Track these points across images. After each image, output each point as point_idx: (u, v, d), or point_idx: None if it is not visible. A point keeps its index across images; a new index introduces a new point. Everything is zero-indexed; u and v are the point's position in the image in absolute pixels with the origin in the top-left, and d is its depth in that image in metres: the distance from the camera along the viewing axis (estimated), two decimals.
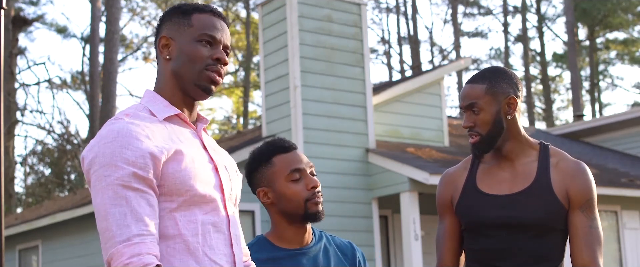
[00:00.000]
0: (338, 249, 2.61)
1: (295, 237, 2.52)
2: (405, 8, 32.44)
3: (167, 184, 1.95)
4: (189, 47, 2.10)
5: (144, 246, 1.86)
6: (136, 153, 1.91)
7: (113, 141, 1.92)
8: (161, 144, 1.96)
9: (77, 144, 25.46)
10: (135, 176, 1.90)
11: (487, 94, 2.57)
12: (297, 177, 2.49)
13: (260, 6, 10.73)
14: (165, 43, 2.12)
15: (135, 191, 1.90)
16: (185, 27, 2.12)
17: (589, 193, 2.56)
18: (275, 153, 2.53)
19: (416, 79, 11.78)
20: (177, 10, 2.16)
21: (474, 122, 2.58)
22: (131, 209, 1.88)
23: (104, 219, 1.89)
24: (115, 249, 1.85)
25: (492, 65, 5.10)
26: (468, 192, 2.63)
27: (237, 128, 30.79)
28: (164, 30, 2.14)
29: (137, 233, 1.86)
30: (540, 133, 16.60)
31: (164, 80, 2.12)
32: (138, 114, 2.03)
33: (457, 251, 2.68)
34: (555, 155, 2.63)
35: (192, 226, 1.97)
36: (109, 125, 1.97)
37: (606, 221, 11.60)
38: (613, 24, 30.18)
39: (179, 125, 2.08)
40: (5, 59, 17.16)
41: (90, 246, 11.23)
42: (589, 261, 2.49)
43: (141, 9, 29.83)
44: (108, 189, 1.89)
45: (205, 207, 2.00)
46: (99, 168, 1.91)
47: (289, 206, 2.48)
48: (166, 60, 2.12)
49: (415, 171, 9.44)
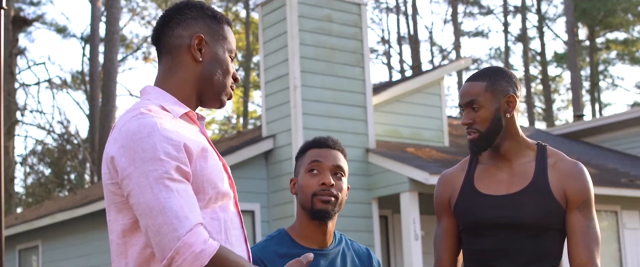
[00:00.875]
0: (356, 255, 2.61)
1: (314, 236, 2.52)
2: (405, 8, 32.45)
3: (195, 181, 1.93)
4: (224, 58, 2.08)
5: (206, 232, 1.85)
6: (176, 147, 1.88)
7: (149, 136, 1.87)
8: (191, 140, 1.93)
9: (77, 144, 25.45)
10: (178, 170, 1.87)
11: (487, 92, 2.58)
12: (315, 170, 2.50)
13: (260, 6, 10.73)
14: (200, 43, 2.06)
15: (182, 183, 1.87)
16: (219, 37, 2.09)
17: (587, 193, 2.56)
18: (310, 147, 2.57)
19: (416, 79, 11.78)
20: (210, 13, 2.11)
21: (473, 119, 2.59)
22: (185, 200, 1.85)
23: (160, 213, 1.82)
24: (181, 242, 1.80)
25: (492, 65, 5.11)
26: (466, 193, 2.63)
27: (237, 128, 30.78)
28: (199, 29, 2.08)
29: (196, 222, 1.84)
30: (540, 133, 16.60)
31: (184, 77, 2.06)
32: (158, 110, 1.97)
33: (455, 252, 2.69)
34: (553, 155, 2.63)
35: (216, 223, 1.96)
36: (136, 120, 1.91)
37: (606, 221, 11.60)
38: (613, 24, 30.18)
39: (189, 123, 2.05)
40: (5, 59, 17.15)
41: (90, 246, 11.22)
42: (586, 261, 2.49)
43: (141, 9, 29.84)
44: (158, 184, 1.84)
45: (225, 205, 2.00)
46: (142, 164, 1.85)
47: (302, 197, 2.51)
48: (196, 60, 2.06)
49: (415, 171, 9.44)
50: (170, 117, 1.96)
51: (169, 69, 2.08)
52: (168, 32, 2.08)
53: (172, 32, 2.08)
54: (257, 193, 10.02)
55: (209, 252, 1.82)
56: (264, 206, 10.04)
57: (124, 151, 1.89)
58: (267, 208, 10.05)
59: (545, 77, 32.66)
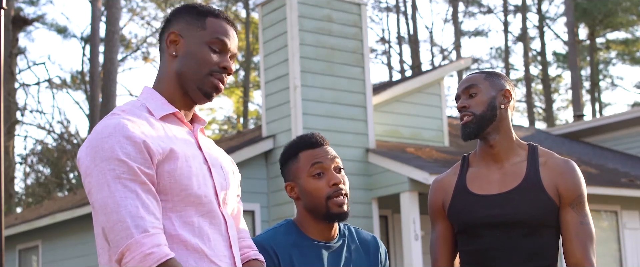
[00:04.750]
0: (361, 245, 2.61)
1: (320, 232, 2.53)
2: (405, 7, 32.44)
3: (162, 183, 1.93)
4: (198, 49, 2.07)
5: (162, 238, 1.85)
6: (136, 148, 1.88)
7: (110, 136, 1.88)
8: (156, 142, 1.93)
9: (77, 144, 25.46)
10: (140, 171, 1.87)
11: (486, 80, 2.65)
12: (319, 172, 2.48)
13: (260, 6, 10.72)
14: (173, 39, 2.08)
15: (142, 184, 1.87)
16: (197, 28, 2.09)
17: (579, 189, 2.58)
18: (301, 148, 2.53)
19: (416, 79, 11.78)
20: (192, 9, 2.12)
21: (469, 104, 2.62)
22: (142, 202, 1.85)
23: (114, 211, 1.83)
24: (133, 240, 1.81)
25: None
26: (459, 195, 2.65)
27: (237, 128, 30.79)
28: (174, 26, 2.10)
29: (152, 225, 1.84)
30: (540, 133, 16.59)
31: (166, 77, 2.09)
32: (134, 110, 2.00)
33: (451, 256, 2.70)
34: (544, 155, 2.66)
35: (189, 227, 1.95)
36: (104, 120, 1.94)
37: (606, 221, 11.59)
38: (614, 24, 30.16)
39: (175, 125, 2.05)
40: (5, 59, 17.15)
41: (90, 246, 11.22)
42: (581, 257, 2.51)
43: (141, 9, 29.82)
44: (116, 182, 1.85)
45: (201, 209, 1.98)
46: (101, 162, 1.86)
47: (311, 202, 2.48)
48: (172, 56, 2.08)
49: (415, 170, 9.44)
50: (145, 120, 1.97)
51: (159, 69, 2.13)
52: (160, 37, 2.13)
53: (161, 36, 2.13)
54: (257, 193, 10.02)
55: (158, 257, 1.81)
56: (264, 206, 10.04)
57: (87, 150, 1.91)
58: (267, 208, 10.05)
59: (546, 77, 32.65)
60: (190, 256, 1.93)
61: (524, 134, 15.13)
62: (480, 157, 2.68)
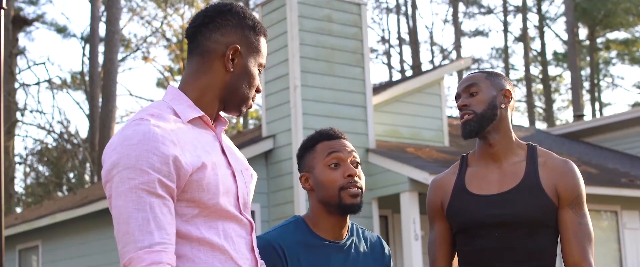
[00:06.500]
0: (368, 245, 2.60)
1: (332, 229, 2.50)
2: (406, 8, 32.45)
3: (190, 191, 1.91)
4: (253, 71, 2.07)
5: (165, 255, 1.83)
6: (162, 159, 1.85)
7: (138, 144, 1.85)
8: (187, 155, 1.90)
9: (77, 144, 25.46)
10: (160, 183, 1.84)
11: (487, 79, 2.66)
12: (335, 163, 2.48)
13: (260, 6, 10.72)
14: (234, 54, 2.04)
15: (159, 197, 1.85)
16: (254, 49, 2.07)
17: (578, 190, 2.57)
18: (319, 140, 2.53)
19: (416, 79, 11.78)
20: (249, 23, 2.08)
21: (470, 102, 2.62)
22: (154, 216, 1.83)
23: (125, 222, 1.82)
24: (136, 254, 1.80)
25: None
26: (458, 195, 2.64)
27: (237, 128, 30.80)
28: (236, 38, 2.05)
29: (159, 241, 1.82)
30: (540, 133, 16.59)
31: (211, 83, 2.04)
32: (163, 115, 1.95)
33: (449, 256, 2.70)
34: (543, 155, 2.65)
35: (214, 230, 1.95)
36: (133, 125, 1.90)
37: (606, 221, 11.59)
38: (613, 24, 30.17)
39: (201, 128, 2.03)
40: (5, 59, 17.15)
41: (90, 246, 11.23)
42: (579, 257, 2.51)
43: (141, 9, 29.82)
44: (131, 193, 1.83)
45: (226, 214, 1.98)
46: (123, 170, 1.84)
47: (325, 193, 2.46)
48: (227, 70, 2.03)
49: (415, 170, 9.44)
50: (174, 124, 1.94)
51: (197, 70, 2.05)
52: (206, 34, 2.05)
53: (209, 35, 2.05)
54: (257, 193, 10.02)
55: None
56: (264, 206, 10.04)
57: (112, 153, 1.88)
58: (267, 208, 10.05)
59: (546, 77, 32.66)
60: (216, 258, 1.93)
61: (524, 134, 15.14)
62: (479, 157, 2.67)
